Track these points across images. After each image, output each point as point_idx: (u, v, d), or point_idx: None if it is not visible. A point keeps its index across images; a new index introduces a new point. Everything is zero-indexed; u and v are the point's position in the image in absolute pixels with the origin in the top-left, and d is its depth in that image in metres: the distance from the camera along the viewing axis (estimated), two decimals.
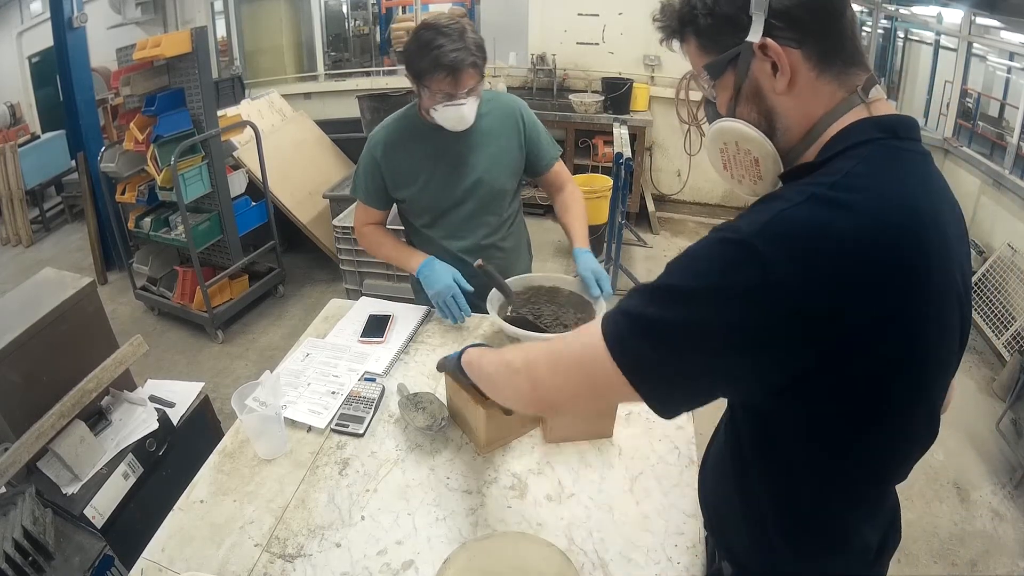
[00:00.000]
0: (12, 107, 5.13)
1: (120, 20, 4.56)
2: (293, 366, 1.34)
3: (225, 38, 5.02)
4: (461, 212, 1.48)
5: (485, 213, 1.50)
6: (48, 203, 4.84)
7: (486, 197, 1.48)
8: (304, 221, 3.53)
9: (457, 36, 1.26)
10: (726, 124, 0.66)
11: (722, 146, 0.69)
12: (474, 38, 1.29)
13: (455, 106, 1.31)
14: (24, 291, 1.42)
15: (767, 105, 0.63)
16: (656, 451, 1.11)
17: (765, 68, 0.61)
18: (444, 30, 1.26)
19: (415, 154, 1.44)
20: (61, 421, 1.27)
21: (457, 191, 1.46)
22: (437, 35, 1.26)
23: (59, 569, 1.12)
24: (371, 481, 1.05)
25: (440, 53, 1.25)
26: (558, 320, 1.41)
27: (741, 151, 0.66)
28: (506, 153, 1.47)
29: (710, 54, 0.65)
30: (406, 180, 1.47)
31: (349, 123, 4.14)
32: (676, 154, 4.46)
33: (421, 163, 1.45)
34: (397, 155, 1.46)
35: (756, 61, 0.62)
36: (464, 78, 1.28)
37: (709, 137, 0.70)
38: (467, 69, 1.28)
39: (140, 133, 2.74)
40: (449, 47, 1.25)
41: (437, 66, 1.26)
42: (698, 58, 0.68)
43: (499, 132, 1.46)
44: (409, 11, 4.88)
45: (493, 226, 1.52)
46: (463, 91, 1.30)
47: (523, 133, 1.48)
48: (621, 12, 4.17)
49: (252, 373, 2.79)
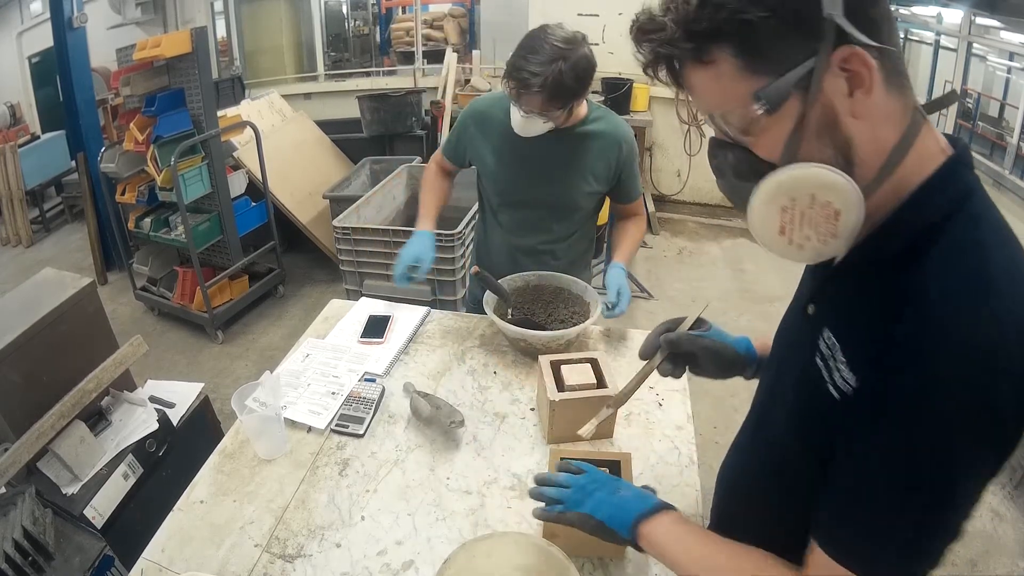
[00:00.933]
0: (12, 107, 5.14)
1: (120, 20, 4.56)
2: (293, 366, 1.34)
3: (225, 38, 5.02)
4: (527, 211, 1.48)
5: (552, 220, 1.49)
6: (48, 203, 4.84)
7: (556, 206, 1.46)
8: (304, 221, 3.53)
9: (552, 59, 1.19)
10: (794, 173, 0.51)
11: (787, 204, 0.52)
12: (569, 72, 1.20)
13: (520, 112, 1.29)
14: (24, 291, 1.42)
15: (842, 136, 0.50)
16: (656, 451, 1.11)
17: (840, 86, 0.49)
18: (550, 44, 1.20)
19: (500, 138, 1.42)
20: (61, 421, 1.27)
21: (528, 190, 1.45)
22: (535, 44, 1.21)
23: (59, 569, 1.12)
24: (371, 481, 1.05)
25: (520, 62, 1.21)
26: (552, 316, 1.43)
27: (817, 205, 0.51)
28: (591, 173, 1.41)
29: (760, 75, 0.50)
30: (479, 156, 1.48)
31: (349, 123, 4.15)
32: (676, 154, 4.47)
33: (498, 147, 1.43)
34: (482, 128, 1.45)
35: (831, 77, 0.48)
36: (527, 99, 1.25)
37: (763, 196, 0.53)
38: (532, 95, 1.23)
39: (140, 133, 2.74)
40: (530, 66, 1.20)
41: (509, 72, 1.24)
42: (735, 85, 0.51)
43: (593, 151, 1.40)
44: (409, 11, 4.88)
45: (557, 234, 1.51)
46: (526, 109, 1.27)
47: (619, 162, 1.42)
48: (621, 12, 4.17)
49: (252, 373, 2.79)
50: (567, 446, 1.11)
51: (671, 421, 1.18)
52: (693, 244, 4.10)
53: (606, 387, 1.09)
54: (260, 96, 4.06)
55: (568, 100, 1.26)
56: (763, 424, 0.75)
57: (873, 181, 0.51)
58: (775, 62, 0.49)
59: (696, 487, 1.03)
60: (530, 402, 1.23)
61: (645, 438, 1.14)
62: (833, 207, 0.50)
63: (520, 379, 1.29)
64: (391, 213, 3.01)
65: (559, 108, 1.26)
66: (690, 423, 1.17)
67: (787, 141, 0.51)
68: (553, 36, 1.21)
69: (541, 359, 1.15)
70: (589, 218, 1.54)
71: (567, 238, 1.53)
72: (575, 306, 1.43)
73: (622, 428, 1.15)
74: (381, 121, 3.98)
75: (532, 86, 1.21)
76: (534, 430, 1.16)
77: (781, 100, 0.49)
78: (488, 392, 1.26)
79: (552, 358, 1.15)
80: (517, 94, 1.25)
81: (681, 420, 1.18)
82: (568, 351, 1.30)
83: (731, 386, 3.00)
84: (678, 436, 1.14)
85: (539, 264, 1.49)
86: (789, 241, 0.54)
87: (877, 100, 0.49)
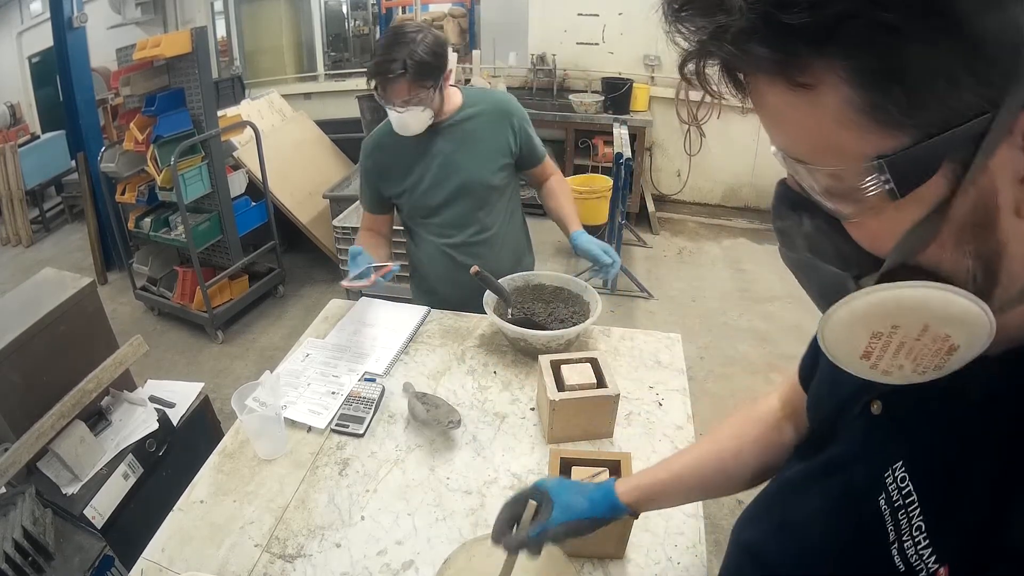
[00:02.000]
0: (12, 107, 5.14)
1: (120, 20, 4.56)
2: (293, 366, 1.34)
3: (225, 38, 5.02)
4: (451, 210, 1.50)
5: (476, 210, 1.51)
6: (48, 203, 4.84)
7: (475, 195, 1.49)
8: (304, 221, 3.53)
9: (402, 44, 1.26)
10: (918, 295, 0.34)
11: (884, 330, 0.36)
12: (422, 50, 1.27)
13: (396, 112, 1.33)
14: (24, 291, 1.42)
15: (996, 242, 0.33)
16: (656, 451, 1.11)
17: (1017, 165, 0.31)
18: (397, 36, 1.28)
19: (403, 155, 1.47)
20: (61, 421, 1.27)
21: (446, 190, 1.47)
22: (388, 40, 1.29)
23: (59, 569, 1.12)
24: (371, 481, 1.05)
25: (372, 63, 1.29)
26: (552, 316, 1.43)
27: (929, 337, 0.35)
28: (495, 150, 1.48)
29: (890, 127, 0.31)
30: (395, 180, 1.50)
31: (349, 123, 4.15)
32: (676, 154, 4.47)
33: (409, 163, 1.47)
34: (385, 156, 1.49)
35: (1005, 150, 0.30)
36: (394, 88, 1.29)
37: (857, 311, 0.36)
38: (397, 81, 1.28)
39: (140, 133, 2.74)
40: (384, 56, 1.27)
41: (370, 73, 1.31)
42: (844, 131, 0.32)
43: (488, 129, 1.46)
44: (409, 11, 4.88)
45: (484, 223, 1.53)
46: (397, 100, 1.31)
47: (516, 128, 1.48)
48: (621, 12, 4.17)
49: (252, 373, 2.79)
50: (566, 446, 1.11)
51: (671, 421, 1.18)
52: (693, 244, 4.10)
53: (606, 387, 1.09)
54: (260, 96, 4.06)
55: (431, 77, 1.31)
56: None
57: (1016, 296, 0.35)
58: (921, 111, 0.30)
59: None
60: (530, 402, 1.23)
61: (645, 438, 1.14)
62: (951, 342, 0.35)
63: (520, 379, 1.29)
64: None
65: (428, 87, 1.31)
66: (690, 423, 1.17)
67: (908, 234, 0.34)
68: (400, 29, 1.30)
69: (541, 359, 1.15)
70: (511, 199, 1.57)
71: (496, 225, 1.55)
72: (575, 306, 1.43)
73: (622, 428, 1.15)
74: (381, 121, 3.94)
75: (394, 71, 1.26)
76: (534, 430, 1.16)
77: (919, 178, 0.31)
78: (488, 392, 1.26)
79: (552, 358, 1.15)
80: (384, 87, 1.30)
81: (681, 420, 1.18)
82: (568, 351, 1.30)
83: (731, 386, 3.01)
84: (678, 436, 1.14)
85: (480, 259, 1.45)
86: (872, 366, 0.38)
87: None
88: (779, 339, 3.01)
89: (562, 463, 0.92)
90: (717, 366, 2.82)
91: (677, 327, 2.23)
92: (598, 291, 1.39)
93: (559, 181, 1.63)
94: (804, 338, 0.62)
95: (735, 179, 4.54)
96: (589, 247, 1.43)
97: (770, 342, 3.00)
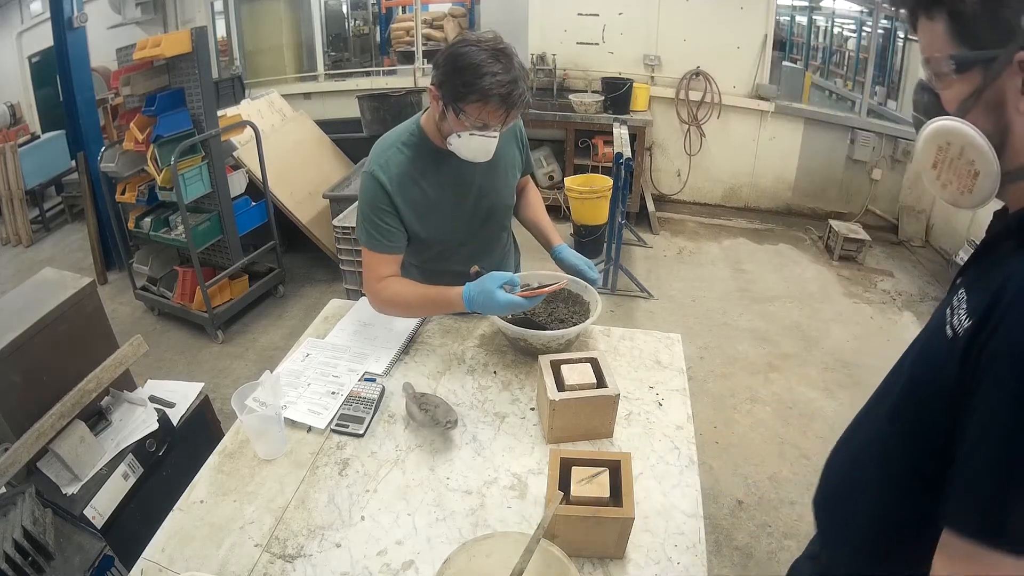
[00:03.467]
0: (12, 107, 5.14)
1: (120, 20, 4.57)
2: (293, 366, 1.34)
3: (225, 38, 5.03)
4: (481, 235, 1.42)
5: (500, 230, 1.49)
6: (48, 203, 4.84)
7: (499, 216, 1.44)
8: (304, 221, 3.53)
9: (507, 64, 1.12)
10: (955, 126, 0.61)
11: (943, 145, 0.63)
12: (522, 64, 1.16)
13: (485, 138, 1.18)
14: (24, 291, 1.42)
15: (1004, 121, 0.59)
16: (656, 451, 1.11)
17: (1015, 83, 0.57)
18: (496, 53, 1.12)
19: (432, 184, 1.30)
20: (61, 421, 1.27)
21: (477, 216, 1.38)
22: (488, 58, 1.11)
23: (59, 569, 1.12)
24: (371, 481, 1.05)
25: (494, 82, 1.10)
26: (552, 316, 1.43)
27: (963, 159, 0.61)
28: (511, 167, 1.42)
29: (960, 46, 0.60)
30: (427, 214, 1.31)
31: (349, 123, 4.15)
32: (676, 154, 4.47)
33: (439, 193, 1.31)
34: (413, 189, 1.28)
35: (1010, 72, 0.57)
36: (515, 112, 1.17)
37: (930, 132, 0.64)
38: (519, 104, 1.15)
39: (140, 133, 2.74)
40: (504, 76, 1.11)
41: (487, 95, 1.11)
42: (943, 43, 0.62)
43: (504, 147, 1.33)
44: (409, 11, 4.88)
45: (504, 241, 1.53)
46: (502, 126, 1.19)
47: (521, 139, 1.45)
48: (621, 12, 4.18)
49: (252, 373, 2.79)
50: (566, 446, 1.11)
51: (671, 421, 1.18)
52: (693, 244, 4.10)
53: (606, 387, 1.09)
54: (260, 96, 4.06)
55: None
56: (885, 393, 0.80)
57: (1020, 170, 0.60)
58: (976, 40, 0.58)
59: (696, 487, 1.03)
60: (530, 402, 1.23)
61: (645, 438, 1.14)
62: (975, 167, 0.60)
63: (520, 379, 1.29)
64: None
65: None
66: (690, 423, 1.17)
67: (962, 102, 0.61)
68: (486, 43, 1.14)
69: (541, 359, 1.15)
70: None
71: (509, 237, 1.57)
72: (575, 306, 1.43)
73: (622, 428, 1.15)
74: (381, 121, 3.98)
75: (521, 97, 1.14)
76: (534, 430, 1.16)
77: (965, 68, 0.60)
78: (488, 392, 1.26)
79: (552, 358, 1.15)
80: (502, 113, 1.15)
81: (681, 420, 1.18)
82: (568, 351, 1.30)
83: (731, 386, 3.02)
84: (678, 436, 1.14)
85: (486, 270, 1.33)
86: (937, 176, 0.65)
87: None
88: (779, 339, 3.01)
89: (562, 463, 0.92)
90: (717, 366, 2.82)
91: (677, 327, 2.23)
92: (598, 291, 1.39)
93: (534, 192, 1.58)
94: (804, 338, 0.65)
95: (735, 179, 4.54)
96: (576, 261, 1.41)
97: (770, 342, 3.00)
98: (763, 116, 4.24)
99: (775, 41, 4.19)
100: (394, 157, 1.29)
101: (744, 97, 4.23)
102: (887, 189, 4.20)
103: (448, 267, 1.43)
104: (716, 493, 2.11)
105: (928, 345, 0.68)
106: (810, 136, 4.26)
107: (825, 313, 3.24)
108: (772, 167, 4.42)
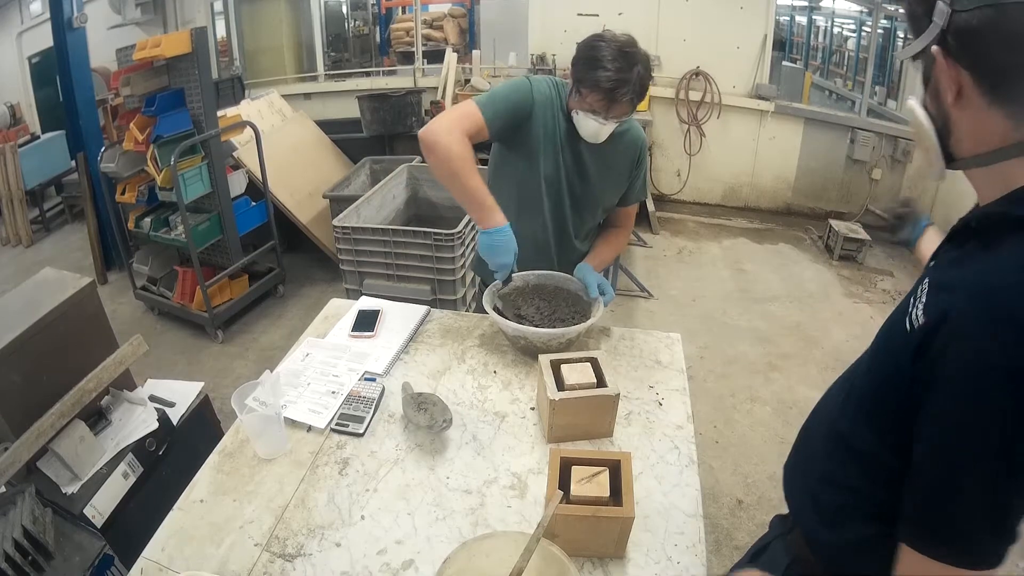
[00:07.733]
0: (12, 107, 5.14)
1: (120, 20, 4.57)
2: (293, 366, 1.34)
3: (225, 38, 5.03)
4: (555, 217, 1.49)
5: (592, 219, 1.56)
6: (48, 203, 4.84)
7: (580, 207, 1.50)
8: (304, 221, 3.53)
9: (625, 65, 1.24)
10: (911, 103, 0.67)
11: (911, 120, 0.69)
12: (641, 72, 1.26)
13: (596, 121, 1.32)
14: (24, 291, 1.43)
15: (943, 109, 0.63)
16: (656, 451, 1.11)
17: (946, 76, 0.61)
18: (621, 53, 1.25)
19: (554, 129, 1.41)
20: (61, 421, 1.27)
21: (565, 191, 1.46)
22: (611, 55, 1.24)
23: (59, 569, 1.12)
24: (371, 481, 1.05)
25: (605, 76, 1.24)
26: (553, 315, 1.42)
27: (913, 125, 0.68)
28: (619, 176, 1.50)
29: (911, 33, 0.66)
30: (530, 141, 1.41)
31: (349, 123, 4.15)
32: (676, 154, 4.47)
33: (554, 142, 1.41)
34: (545, 117, 1.40)
35: (938, 64, 0.61)
36: (617, 108, 1.29)
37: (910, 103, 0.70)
38: (623, 103, 1.28)
39: (140, 133, 2.74)
40: (616, 75, 1.24)
41: (597, 85, 1.26)
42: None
43: (622, 155, 1.47)
44: (409, 11, 4.88)
45: (587, 230, 1.58)
46: (612, 118, 1.31)
47: (635, 166, 1.51)
48: (621, 12, 4.18)
49: (252, 373, 2.79)
50: (566, 446, 1.11)
51: (671, 421, 1.18)
52: (693, 244, 4.10)
53: (606, 386, 1.09)
54: (260, 96, 4.06)
55: (642, 99, 1.32)
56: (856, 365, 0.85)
57: (971, 159, 0.63)
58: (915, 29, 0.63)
59: (696, 487, 1.03)
60: (530, 401, 1.23)
61: (645, 438, 1.14)
62: (918, 135, 0.67)
63: (520, 378, 1.29)
64: (391, 213, 3.01)
65: (635, 108, 1.32)
66: (690, 423, 1.17)
67: (922, 79, 0.66)
68: (615, 42, 1.26)
69: (541, 358, 1.15)
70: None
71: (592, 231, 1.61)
72: (575, 305, 1.43)
73: (622, 428, 1.15)
74: (381, 121, 3.99)
75: (624, 96, 1.26)
76: (534, 429, 1.16)
77: (914, 55, 0.64)
78: (488, 391, 1.26)
79: (552, 357, 1.15)
80: (606, 105, 1.28)
81: (681, 420, 1.18)
82: (568, 350, 1.30)
83: (731, 386, 3.01)
84: (678, 436, 1.14)
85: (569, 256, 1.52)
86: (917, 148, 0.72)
87: (972, 105, 0.60)
88: (779, 339, 3.01)
89: (562, 463, 0.92)
90: (717, 366, 2.82)
91: (677, 327, 2.23)
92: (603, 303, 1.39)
93: (621, 236, 1.65)
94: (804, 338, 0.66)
95: (735, 179, 4.54)
96: (588, 276, 1.42)
97: (770, 342, 2.99)
98: (763, 116, 4.24)
99: (775, 41, 4.19)
100: (553, 92, 1.42)
101: (744, 97, 4.23)
102: (887, 189, 4.20)
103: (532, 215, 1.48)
104: (716, 493, 2.11)
105: (892, 330, 0.70)
106: (810, 136, 4.26)
107: (825, 313, 3.24)
108: (772, 167, 4.42)
